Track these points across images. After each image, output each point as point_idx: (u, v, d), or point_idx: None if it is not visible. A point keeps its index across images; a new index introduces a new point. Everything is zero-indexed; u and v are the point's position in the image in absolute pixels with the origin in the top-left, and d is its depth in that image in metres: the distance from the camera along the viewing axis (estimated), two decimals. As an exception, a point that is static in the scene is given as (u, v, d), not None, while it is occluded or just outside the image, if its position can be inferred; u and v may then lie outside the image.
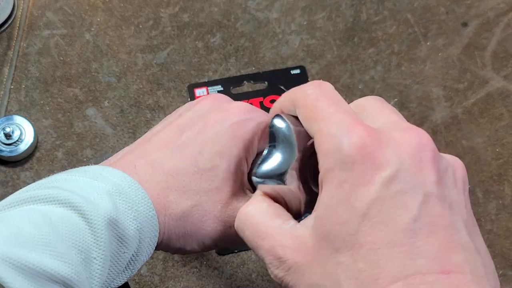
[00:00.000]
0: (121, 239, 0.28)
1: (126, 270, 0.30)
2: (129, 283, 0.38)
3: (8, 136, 0.60)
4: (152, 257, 0.57)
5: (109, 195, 0.28)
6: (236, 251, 0.57)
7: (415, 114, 0.64)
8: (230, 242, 0.33)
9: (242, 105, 0.35)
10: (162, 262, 0.58)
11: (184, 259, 0.58)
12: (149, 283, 0.57)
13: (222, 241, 0.33)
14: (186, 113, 0.34)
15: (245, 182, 0.34)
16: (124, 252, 0.28)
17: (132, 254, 0.29)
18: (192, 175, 0.31)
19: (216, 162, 0.32)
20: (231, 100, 0.36)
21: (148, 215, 0.29)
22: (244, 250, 0.57)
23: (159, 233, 0.30)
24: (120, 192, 0.29)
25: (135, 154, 0.33)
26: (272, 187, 0.30)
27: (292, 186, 0.30)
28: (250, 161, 0.34)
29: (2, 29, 0.67)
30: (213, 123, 0.33)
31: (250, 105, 0.36)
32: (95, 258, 0.27)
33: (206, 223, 0.32)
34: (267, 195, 0.31)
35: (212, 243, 0.33)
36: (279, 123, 0.31)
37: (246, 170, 0.34)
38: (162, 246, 0.32)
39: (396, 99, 0.65)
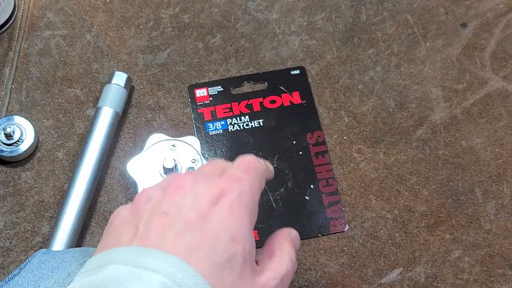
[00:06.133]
0: None
1: None
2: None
3: (8, 136, 0.60)
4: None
5: None
6: None
7: (414, 114, 0.64)
8: None
9: (225, 179, 0.33)
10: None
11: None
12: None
13: None
14: (171, 210, 0.31)
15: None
16: None
17: None
18: (214, 276, 0.29)
19: (232, 249, 0.30)
20: (203, 172, 0.34)
21: None
22: None
23: None
24: None
25: None
26: None
27: None
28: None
29: (3, 29, 0.67)
30: (211, 212, 0.31)
31: (231, 175, 0.33)
32: None
33: None
34: None
35: None
36: None
37: (254, 239, 0.33)
38: None
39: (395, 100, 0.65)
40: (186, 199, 0.31)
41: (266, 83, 0.66)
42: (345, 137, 0.63)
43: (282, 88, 0.66)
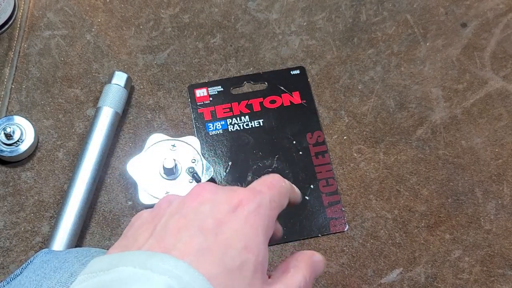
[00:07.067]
0: None
1: None
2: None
3: (9, 136, 0.60)
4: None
5: None
6: None
7: (415, 114, 0.64)
8: None
9: (246, 191, 0.34)
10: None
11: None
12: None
13: None
14: (189, 214, 0.32)
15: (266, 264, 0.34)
16: None
17: None
18: (223, 280, 0.30)
19: (244, 257, 0.31)
20: (224, 187, 0.35)
21: None
22: None
23: None
24: None
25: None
26: None
27: None
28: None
29: (3, 29, 0.67)
30: (227, 219, 0.32)
31: (252, 188, 0.35)
32: None
33: None
34: None
35: None
36: None
37: (267, 251, 0.34)
38: None
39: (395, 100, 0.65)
40: (205, 206, 0.32)
41: (266, 83, 0.66)
42: (345, 137, 0.63)
43: (282, 88, 0.66)
